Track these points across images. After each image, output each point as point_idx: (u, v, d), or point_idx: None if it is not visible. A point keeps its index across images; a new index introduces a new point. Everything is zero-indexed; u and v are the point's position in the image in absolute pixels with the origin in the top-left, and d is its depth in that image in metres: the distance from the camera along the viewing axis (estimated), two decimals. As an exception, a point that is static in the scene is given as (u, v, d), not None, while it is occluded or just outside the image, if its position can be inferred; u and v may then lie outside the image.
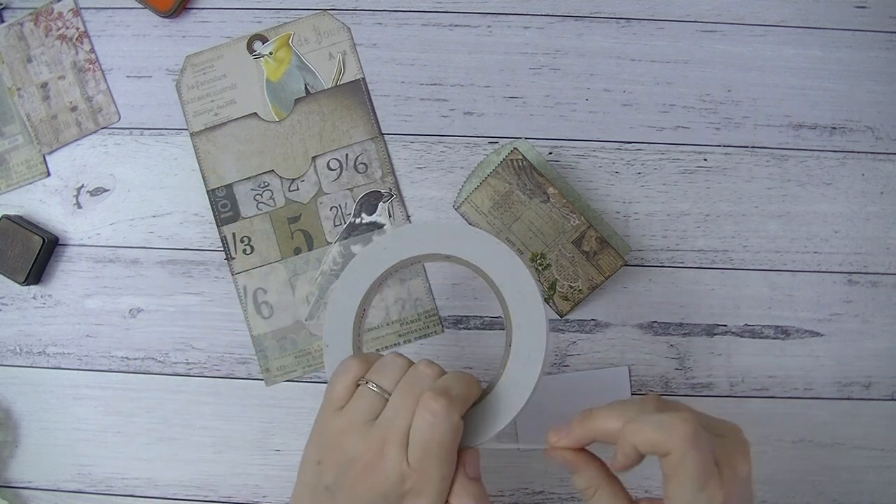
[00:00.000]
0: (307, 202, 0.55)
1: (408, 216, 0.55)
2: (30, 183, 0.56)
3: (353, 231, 0.55)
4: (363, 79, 0.56)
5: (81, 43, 0.56)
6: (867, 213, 0.55)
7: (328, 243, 0.55)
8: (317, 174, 0.55)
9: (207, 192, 0.55)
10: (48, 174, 0.56)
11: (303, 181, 0.55)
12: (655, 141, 0.55)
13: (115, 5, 0.56)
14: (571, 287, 0.51)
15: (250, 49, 0.56)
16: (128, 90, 0.56)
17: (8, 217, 0.55)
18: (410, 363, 0.42)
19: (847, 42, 0.56)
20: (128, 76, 0.56)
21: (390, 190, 0.55)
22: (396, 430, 0.40)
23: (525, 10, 0.56)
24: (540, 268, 0.51)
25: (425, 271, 0.55)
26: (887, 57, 0.55)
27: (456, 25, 0.56)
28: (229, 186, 0.55)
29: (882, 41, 0.56)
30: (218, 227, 0.55)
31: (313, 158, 0.55)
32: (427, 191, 0.55)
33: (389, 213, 0.55)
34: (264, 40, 0.56)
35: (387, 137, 0.56)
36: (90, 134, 0.56)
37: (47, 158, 0.56)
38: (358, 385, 0.42)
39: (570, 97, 0.56)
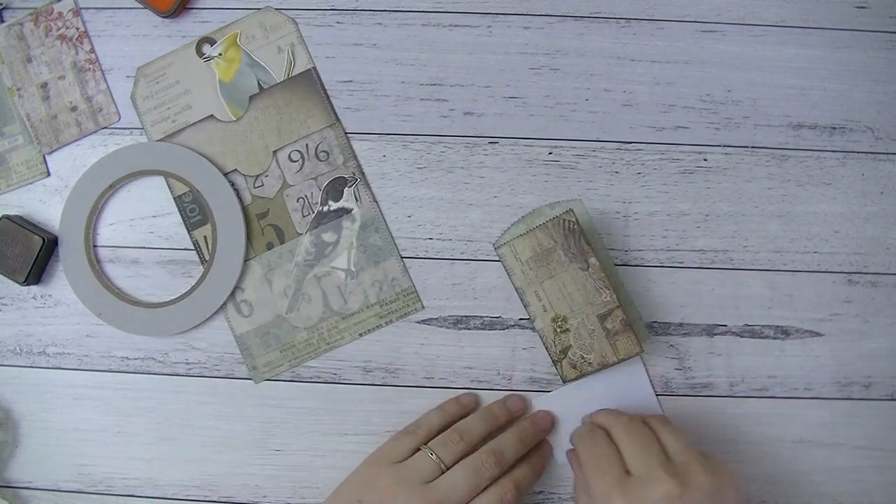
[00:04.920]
0: (273, 196, 0.55)
1: (374, 198, 0.55)
2: (30, 183, 0.56)
3: (322, 220, 0.55)
4: (314, 68, 0.56)
5: (81, 43, 0.56)
6: (867, 213, 0.55)
7: (299, 235, 0.55)
8: (280, 168, 0.55)
9: (174, 198, 0.55)
10: (48, 174, 0.56)
11: (267, 176, 0.56)
12: (655, 141, 0.55)
13: (115, 5, 0.56)
14: (583, 358, 0.51)
15: (199, 52, 0.56)
16: (128, 90, 0.56)
17: (8, 217, 0.55)
18: (470, 445, 0.50)
19: (847, 42, 0.56)
20: (128, 76, 0.56)
21: (353, 174, 0.55)
22: (453, 501, 0.47)
23: (525, 10, 0.56)
24: (559, 330, 0.52)
25: (398, 250, 0.55)
26: (887, 57, 0.55)
27: (456, 25, 0.56)
28: (196, 190, 0.55)
29: (882, 41, 0.56)
30: (188, 231, 0.55)
31: (274, 152, 0.56)
32: (427, 191, 0.56)
33: (356, 197, 0.55)
34: (212, 42, 0.56)
35: (386, 137, 0.56)
36: (90, 134, 0.56)
37: (47, 158, 0.56)
38: (419, 449, 0.50)
39: (570, 97, 0.56)
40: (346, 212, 0.55)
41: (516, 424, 0.53)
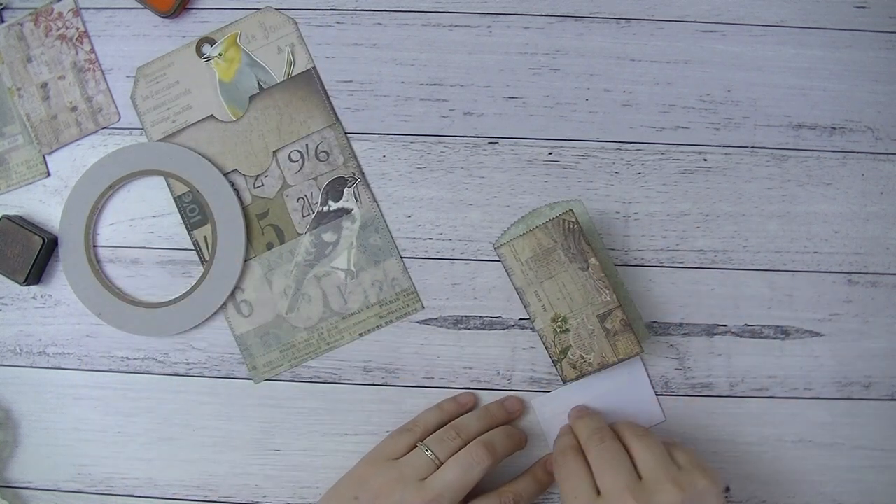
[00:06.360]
0: (273, 196, 0.56)
1: (374, 198, 0.55)
2: (30, 183, 0.56)
3: (322, 220, 0.55)
4: (314, 68, 0.56)
5: (81, 43, 0.56)
6: (867, 213, 0.55)
7: (299, 235, 0.55)
8: (280, 168, 0.55)
9: (174, 198, 0.55)
10: (48, 174, 0.56)
11: (267, 176, 0.56)
12: (655, 141, 0.55)
13: (115, 5, 0.56)
14: (583, 358, 0.51)
15: (199, 53, 0.56)
16: (128, 90, 0.56)
17: (8, 217, 0.55)
18: (466, 442, 0.50)
19: (847, 42, 0.56)
20: (128, 76, 0.56)
21: (353, 174, 0.55)
22: (448, 499, 0.47)
23: (525, 10, 0.56)
24: (559, 330, 0.52)
25: (398, 250, 0.55)
26: (887, 57, 0.55)
27: (456, 25, 0.56)
28: (196, 190, 0.55)
29: (882, 41, 0.56)
30: (188, 231, 0.55)
31: (274, 153, 0.56)
32: (427, 191, 0.56)
33: (356, 198, 0.55)
34: (212, 42, 0.56)
35: (387, 137, 0.56)
36: (90, 134, 0.56)
37: (47, 158, 0.56)
38: (415, 446, 0.50)
39: (570, 97, 0.56)
40: (346, 212, 0.55)
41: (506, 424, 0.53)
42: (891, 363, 0.54)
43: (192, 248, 0.56)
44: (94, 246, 0.56)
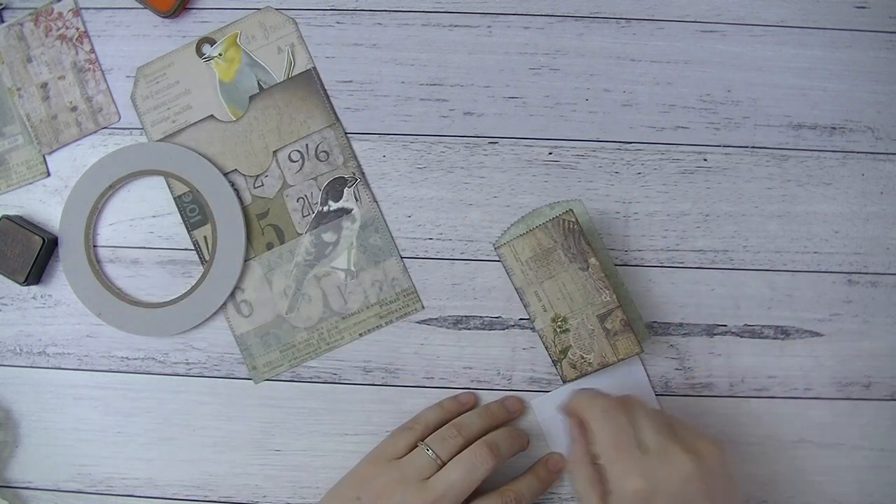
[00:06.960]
0: (273, 196, 0.56)
1: (374, 198, 0.55)
2: (30, 183, 0.56)
3: (322, 220, 0.55)
4: (314, 68, 0.56)
5: (81, 43, 0.56)
6: (867, 213, 0.55)
7: (299, 235, 0.55)
8: (280, 168, 0.55)
9: (174, 198, 0.55)
10: (48, 174, 0.56)
11: (267, 176, 0.56)
12: (655, 141, 0.55)
13: (115, 5, 0.56)
14: (583, 358, 0.52)
15: (199, 53, 0.56)
16: (128, 90, 0.56)
17: (8, 217, 0.55)
18: (467, 441, 0.50)
19: (847, 42, 0.56)
20: (128, 76, 0.56)
21: (353, 174, 0.55)
22: (451, 500, 0.47)
23: (525, 10, 0.56)
24: (559, 330, 0.52)
25: (398, 250, 0.55)
26: (887, 57, 0.55)
27: (456, 25, 0.56)
28: (196, 190, 0.55)
29: (882, 41, 0.56)
30: (188, 231, 0.55)
31: (274, 153, 0.56)
32: (427, 191, 0.56)
33: (356, 198, 0.55)
34: (212, 42, 0.56)
35: (387, 137, 0.56)
36: (90, 134, 0.56)
37: (47, 158, 0.56)
38: (417, 445, 0.50)
39: (570, 97, 0.56)
40: (346, 212, 0.55)
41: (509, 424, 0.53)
42: (891, 363, 0.54)
43: (192, 248, 0.56)
44: (94, 246, 0.56)
